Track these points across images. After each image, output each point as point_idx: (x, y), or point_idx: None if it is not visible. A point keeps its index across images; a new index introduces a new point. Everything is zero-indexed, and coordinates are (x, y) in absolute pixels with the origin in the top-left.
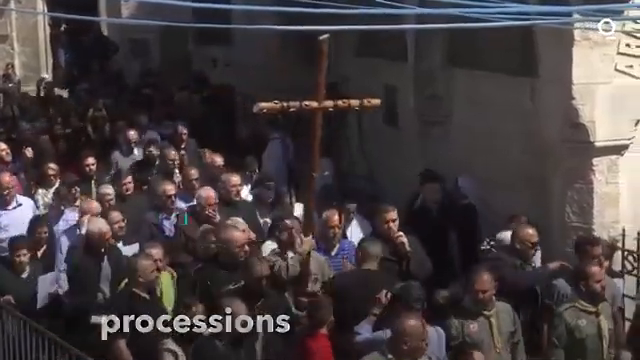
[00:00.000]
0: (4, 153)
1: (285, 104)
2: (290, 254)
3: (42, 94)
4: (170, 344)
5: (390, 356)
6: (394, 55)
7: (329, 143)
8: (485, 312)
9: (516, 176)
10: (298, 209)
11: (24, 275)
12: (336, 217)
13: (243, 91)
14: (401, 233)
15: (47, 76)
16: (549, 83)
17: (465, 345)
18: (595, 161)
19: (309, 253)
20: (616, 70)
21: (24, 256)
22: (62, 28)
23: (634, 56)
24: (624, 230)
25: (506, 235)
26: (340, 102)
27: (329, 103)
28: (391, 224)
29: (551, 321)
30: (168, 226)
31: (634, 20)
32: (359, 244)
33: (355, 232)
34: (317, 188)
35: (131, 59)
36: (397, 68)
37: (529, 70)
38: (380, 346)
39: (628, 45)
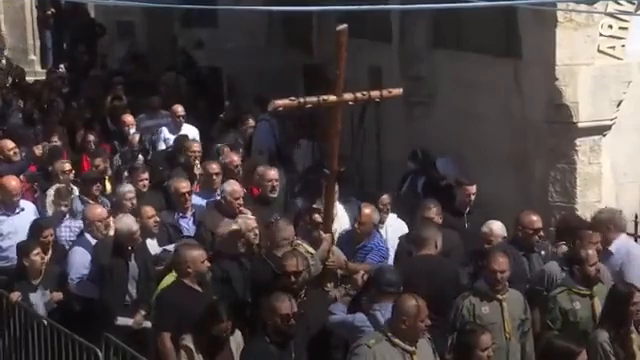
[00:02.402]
0: (12, 153)
1: (302, 100)
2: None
3: (16, 81)
4: (187, 340)
5: (390, 334)
6: (379, 36)
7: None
8: (498, 296)
9: (499, 156)
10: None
11: (36, 282)
12: (367, 211)
13: (229, 73)
14: None
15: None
16: (532, 64)
17: (475, 326)
18: (578, 141)
19: (329, 251)
20: (599, 51)
21: (38, 257)
22: (50, 12)
23: (616, 37)
24: None
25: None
26: (360, 95)
27: (348, 96)
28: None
29: (544, 305)
30: (185, 225)
31: (616, 1)
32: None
33: (392, 228)
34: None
35: (117, 41)
36: (382, 49)
37: (512, 51)
38: (348, 328)
39: (610, 26)
